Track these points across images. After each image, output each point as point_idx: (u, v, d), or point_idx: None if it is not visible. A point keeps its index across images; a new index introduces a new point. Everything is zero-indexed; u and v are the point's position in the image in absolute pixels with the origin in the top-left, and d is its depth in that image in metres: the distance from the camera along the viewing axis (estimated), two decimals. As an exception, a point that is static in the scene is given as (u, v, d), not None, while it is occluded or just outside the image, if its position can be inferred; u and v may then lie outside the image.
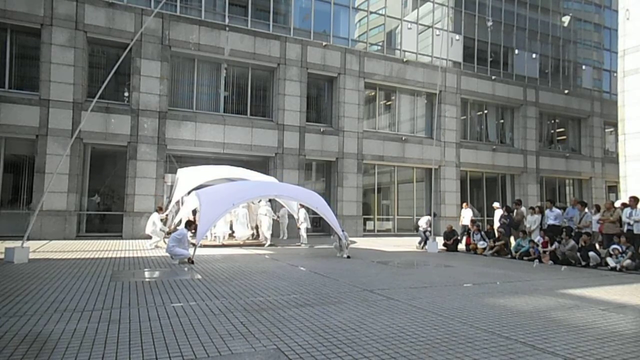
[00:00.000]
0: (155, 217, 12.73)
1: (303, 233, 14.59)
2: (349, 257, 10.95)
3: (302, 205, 14.51)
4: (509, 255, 12.27)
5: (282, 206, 15.89)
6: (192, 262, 9.22)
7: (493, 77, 23.19)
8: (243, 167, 15.68)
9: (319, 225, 18.74)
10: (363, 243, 15.64)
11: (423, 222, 14.65)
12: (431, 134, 21.69)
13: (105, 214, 16.54)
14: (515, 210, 13.98)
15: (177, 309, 5.22)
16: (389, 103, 21.58)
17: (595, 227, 11.49)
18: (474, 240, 13.34)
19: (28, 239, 9.65)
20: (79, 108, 14.92)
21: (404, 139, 20.67)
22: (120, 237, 15.10)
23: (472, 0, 23.24)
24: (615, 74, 24.54)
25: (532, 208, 13.45)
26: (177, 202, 14.46)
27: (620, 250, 9.79)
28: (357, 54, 19.79)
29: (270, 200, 15.11)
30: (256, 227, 15.18)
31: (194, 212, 13.89)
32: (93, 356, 3.57)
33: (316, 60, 18.84)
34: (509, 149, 23.76)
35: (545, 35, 25.54)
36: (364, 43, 20.62)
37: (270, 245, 13.92)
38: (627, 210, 10.57)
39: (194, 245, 10.05)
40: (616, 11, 21.41)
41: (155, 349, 3.77)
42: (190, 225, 10.40)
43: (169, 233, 12.29)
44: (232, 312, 5.08)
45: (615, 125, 22.47)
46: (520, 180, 23.90)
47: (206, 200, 10.89)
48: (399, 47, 21.39)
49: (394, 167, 21.13)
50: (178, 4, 16.86)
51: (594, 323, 4.96)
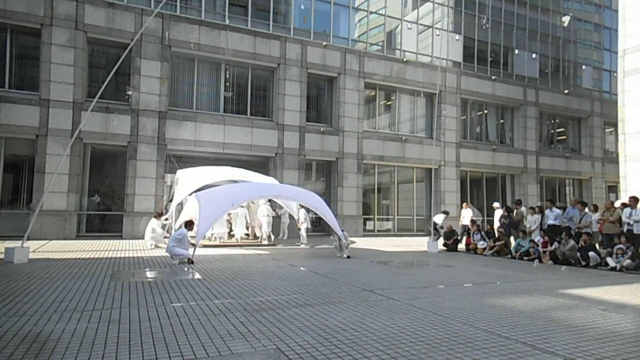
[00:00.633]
0: (155, 224, 12.60)
1: (303, 233, 14.61)
2: (349, 257, 10.96)
3: (302, 206, 14.52)
4: (509, 255, 12.28)
5: (282, 207, 15.88)
6: (192, 262, 9.22)
7: (493, 77, 23.18)
8: (243, 167, 15.66)
9: (319, 225, 18.74)
10: (363, 243, 15.63)
11: (440, 219, 14.63)
12: (431, 134, 21.69)
13: (105, 214, 16.54)
14: (515, 210, 13.99)
15: (177, 309, 5.22)
16: (389, 103, 21.58)
17: (595, 227, 11.51)
18: (474, 240, 13.34)
19: (28, 239, 9.65)
20: (79, 108, 14.92)
21: (404, 139, 20.67)
22: (120, 237, 15.10)
23: (472, 0, 23.25)
24: (615, 74, 24.54)
25: (532, 208, 13.46)
26: (178, 205, 14.37)
27: (623, 249, 9.80)
28: (357, 54, 19.78)
29: (270, 201, 15.11)
30: (253, 227, 15.17)
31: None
32: (93, 356, 3.57)
33: (316, 60, 18.84)
34: (509, 149, 23.76)
35: (545, 35, 25.53)
36: (364, 43, 20.62)
37: (270, 245, 13.93)
38: (627, 210, 10.58)
39: (193, 245, 10.06)
40: (616, 11, 21.41)
41: (155, 349, 3.77)
42: (191, 225, 10.40)
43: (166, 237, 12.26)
44: (232, 312, 5.08)
45: (615, 125, 22.47)
46: (520, 180, 23.90)
47: (205, 201, 10.88)
48: (399, 47, 21.38)
49: (394, 167, 21.13)
50: (178, 4, 16.86)
51: (594, 323, 4.96)
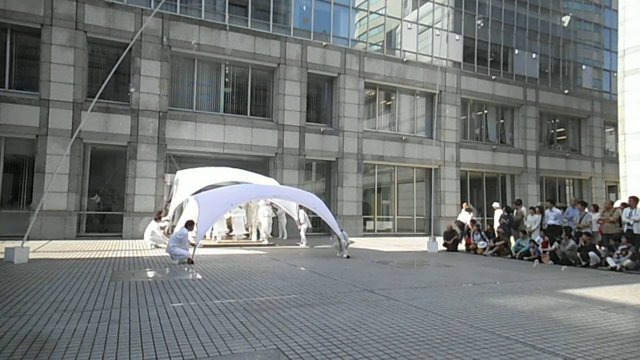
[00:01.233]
0: (154, 226, 12.55)
1: (302, 234, 14.59)
2: (348, 257, 10.96)
3: (301, 207, 14.51)
4: (509, 255, 12.27)
5: (277, 208, 15.79)
6: (192, 262, 9.22)
7: (493, 77, 23.18)
8: (243, 167, 15.63)
9: (318, 225, 18.73)
10: (363, 243, 15.63)
11: (466, 218, 14.63)
12: (431, 134, 21.69)
13: (105, 214, 16.54)
14: (515, 210, 13.99)
15: (177, 309, 5.22)
16: (389, 103, 21.57)
17: (595, 227, 11.51)
18: (474, 240, 13.34)
19: (28, 239, 9.65)
20: (79, 108, 14.92)
21: (404, 139, 20.67)
22: (120, 237, 15.09)
23: (472, 0, 23.24)
24: (615, 74, 24.52)
25: (532, 208, 13.46)
26: (178, 206, 14.34)
27: (626, 249, 9.78)
28: (357, 54, 19.78)
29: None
30: (251, 227, 15.14)
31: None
32: (93, 356, 3.57)
33: (316, 60, 18.84)
34: (509, 149, 23.75)
35: (545, 35, 25.53)
36: (364, 43, 20.61)
37: (269, 245, 13.92)
38: (627, 210, 10.58)
39: (193, 245, 10.06)
40: (616, 11, 21.40)
41: (155, 349, 3.77)
42: (192, 225, 10.39)
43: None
44: (232, 312, 5.08)
45: (615, 125, 22.48)
46: (520, 180, 23.90)
47: (204, 201, 10.89)
48: (399, 47, 21.37)
49: (394, 167, 21.13)
50: (178, 4, 16.85)
51: (594, 323, 4.96)
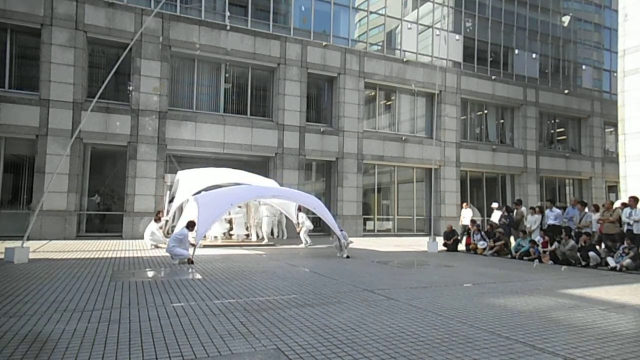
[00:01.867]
0: (154, 227, 12.53)
1: (302, 236, 14.54)
2: (348, 257, 10.96)
3: (301, 209, 14.49)
4: (509, 255, 12.27)
5: (275, 208, 15.74)
6: (192, 262, 9.22)
7: (493, 77, 23.18)
8: (243, 167, 15.60)
9: (318, 225, 18.71)
10: (363, 243, 15.63)
11: (498, 217, 14.58)
12: (431, 134, 21.69)
13: (105, 214, 16.54)
14: (515, 210, 13.99)
15: (177, 309, 5.22)
16: (389, 103, 21.57)
17: (595, 227, 11.51)
18: (474, 240, 13.33)
19: (28, 239, 9.65)
20: (79, 108, 14.91)
21: (404, 139, 20.67)
22: (120, 237, 15.09)
23: (472, 0, 23.24)
24: (615, 74, 24.51)
25: (532, 208, 13.45)
26: (178, 206, 14.32)
27: (627, 249, 9.78)
28: (357, 54, 19.78)
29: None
30: (251, 227, 15.14)
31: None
32: (93, 356, 3.58)
33: (316, 60, 18.84)
34: (509, 149, 23.75)
35: (545, 35, 25.53)
36: (364, 43, 20.61)
37: (269, 244, 13.92)
38: (627, 210, 10.58)
39: (193, 245, 10.05)
40: (616, 11, 21.40)
41: (155, 349, 3.77)
42: (192, 226, 10.38)
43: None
44: (232, 312, 5.08)
45: (615, 125, 22.46)
46: (520, 180, 23.90)
47: (204, 202, 10.89)
48: (399, 47, 21.37)
49: (394, 167, 21.12)
50: (178, 4, 16.85)
51: (594, 323, 4.96)
